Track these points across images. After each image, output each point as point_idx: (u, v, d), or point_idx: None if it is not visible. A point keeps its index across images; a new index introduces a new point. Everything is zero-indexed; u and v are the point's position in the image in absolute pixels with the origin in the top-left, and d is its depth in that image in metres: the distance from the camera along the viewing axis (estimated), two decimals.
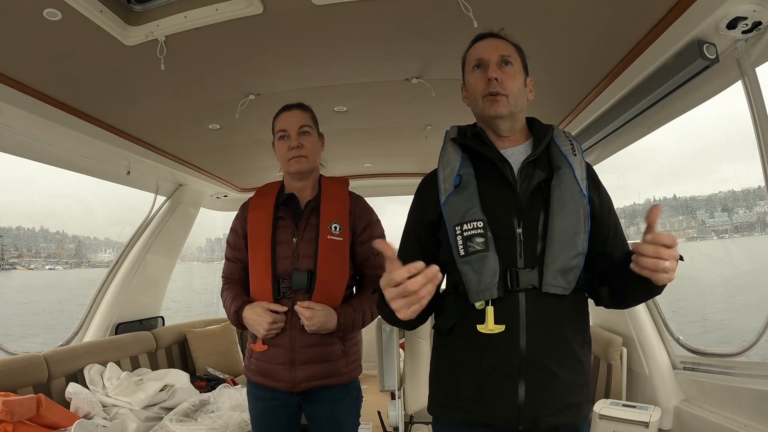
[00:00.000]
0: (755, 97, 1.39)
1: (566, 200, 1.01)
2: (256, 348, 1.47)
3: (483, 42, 1.11)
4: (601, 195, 1.09)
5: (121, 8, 1.43)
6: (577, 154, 1.07)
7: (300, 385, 1.43)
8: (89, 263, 50.51)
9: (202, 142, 2.56)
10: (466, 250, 0.99)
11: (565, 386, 0.99)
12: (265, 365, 1.46)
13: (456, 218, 1.02)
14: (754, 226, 33.42)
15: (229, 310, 1.50)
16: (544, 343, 0.98)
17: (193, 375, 3.10)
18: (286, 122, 1.50)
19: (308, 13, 1.40)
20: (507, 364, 0.98)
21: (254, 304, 1.44)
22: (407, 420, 2.21)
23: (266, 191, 1.58)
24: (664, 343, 2.11)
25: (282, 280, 1.45)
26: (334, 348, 1.47)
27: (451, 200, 1.04)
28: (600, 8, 1.39)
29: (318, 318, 1.38)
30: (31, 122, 1.89)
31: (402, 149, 2.99)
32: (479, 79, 1.07)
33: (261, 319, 1.40)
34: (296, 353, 1.43)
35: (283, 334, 1.43)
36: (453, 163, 1.08)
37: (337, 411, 1.51)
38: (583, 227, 1.01)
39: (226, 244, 1.62)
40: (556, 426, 0.99)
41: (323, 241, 1.46)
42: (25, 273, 52.28)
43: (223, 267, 1.61)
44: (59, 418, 1.91)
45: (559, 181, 1.03)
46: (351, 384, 1.53)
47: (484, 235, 0.99)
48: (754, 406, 1.58)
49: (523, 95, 1.09)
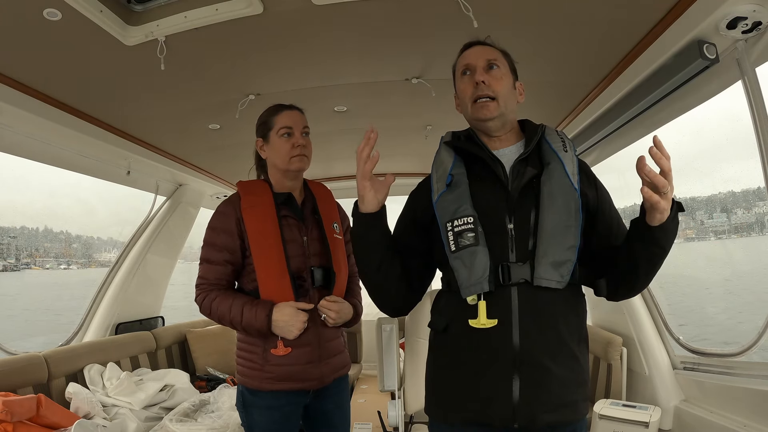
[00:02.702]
0: (755, 97, 1.39)
1: (556, 194, 1.02)
2: (278, 352, 1.40)
3: (470, 50, 1.15)
4: (598, 190, 1.11)
5: (121, 8, 1.43)
6: (569, 150, 1.08)
7: (326, 379, 1.48)
8: (99, 263, 50.81)
9: (202, 142, 2.56)
10: (457, 245, 1.01)
11: (560, 383, 0.99)
12: (288, 368, 1.41)
13: (447, 215, 1.04)
14: (753, 226, 33.50)
15: (248, 317, 1.38)
16: (537, 338, 0.98)
17: (193, 375, 3.10)
18: (292, 120, 1.50)
19: (308, 13, 1.40)
20: (501, 360, 0.98)
21: (281, 305, 1.39)
22: (407, 420, 2.21)
23: (256, 190, 1.50)
24: (664, 343, 2.11)
25: (297, 279, 1.45)
26: (341, 340, 1.57)
27: (443, 198, 1.06)
28: (600, 8, 1.39)
29: (345, 311, 1.48)
30: (31, 122, 1.89)
31: (402, 149, 2.99)
32: (467, 85, 1.11)
33: (295, 320, 1.38)
34: (321, 349, 1.47)
35: (308, 332, 1.43)
36: (445, 164, 1.11)
37: (342, 401, 1.60)
38: (575, 220, 1.01)
39: (205, 246, 1.47)
40: (552, 424, 0.99)
41: (332, 239, 1.52)
42: (40, 272, 52.48)
43: (203, 271, 1.46)
44: (59, 418, 1.91)
45: (549, 176, 1.04)
46: (348, 374, 1.63)
47: (475, 230, 1.01)
48: (754, 406, 1.58)
49: (512, 97, 1.12)
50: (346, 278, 1.57)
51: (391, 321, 2.28)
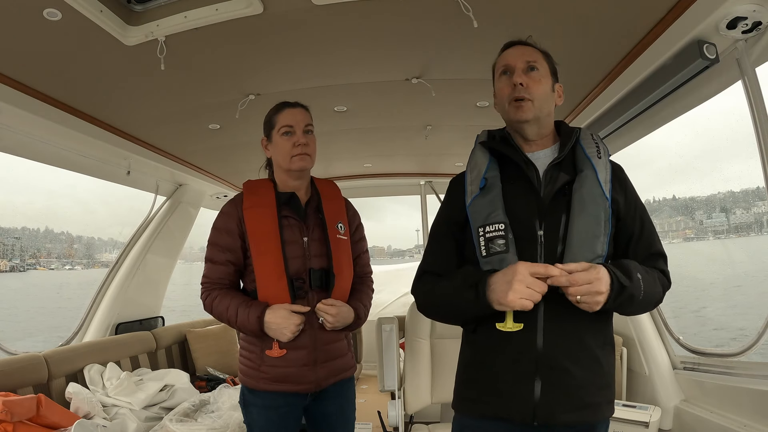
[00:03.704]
0: (755, 97, 1.39)
1: (586, 203, 1.03)
2: (273, 354, 1.40)
3: (510, 50, 1.13)
4: (627, 196, 1.10)
5: (121, 8, 1.43)
6: (602, 156, 1.08)
7: (323, 383, 1.45)
8: (102, 263, 51.05)
9: (202, 142, 2.56)
10: (487, 251, 1.03)
11: (581, 385, 1.00)
12: (284, 370, 1.41)
13: (479, 220, 1.05)
14: (752, 226, 33.59)
15: (242, 317, 1.39)
16: (560, 342, 1.00)
17: (193, 375, 3.10)
18: (293, 119, 1.47)
19: (308, 13, 1.40)
20: (524, 361, 1.01)
21: (275, 307, 1.38)
22: (407, 420, 2.21)
23: (259, 190, 1.50)
24: (664, 343, 2.12)
25: (295, 281, 1.42)
26: (343, 343, 1.51)
27: (476, 202, 1.07)
28: (600, 8, 1.39)
29: (343, 315, 1.42)
30: (31, 122, 1.89)
31: (402, 149, 2.99)
32: (506, 85, 1.11)
33: (288, 322, 1.36)
34: (318, 352, 1.43)
35: (303, 335, 1.41)
36: (480, 166, 1.12)
37: (345, 405, 1.55)
38: (603, 230, 1.02)
39: (209, 246, 1.49)
40: (571, 424, 1.00)
41: (334, 240, 1.48)
42: (46, 273, 52.50)
43: (207, 270, 1.47)
44: (59, 418, 1.91)
45: (580, 183, 1.05)
46: (353, 377, 1.58)
47: (505, 237, 1.02)
48: (754, 406, 1.58)
49: (549, 100, 1.11)
50: (350, 280, 1.51)
51: (391, 321, 2.28)
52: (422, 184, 3.77)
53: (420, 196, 3.88)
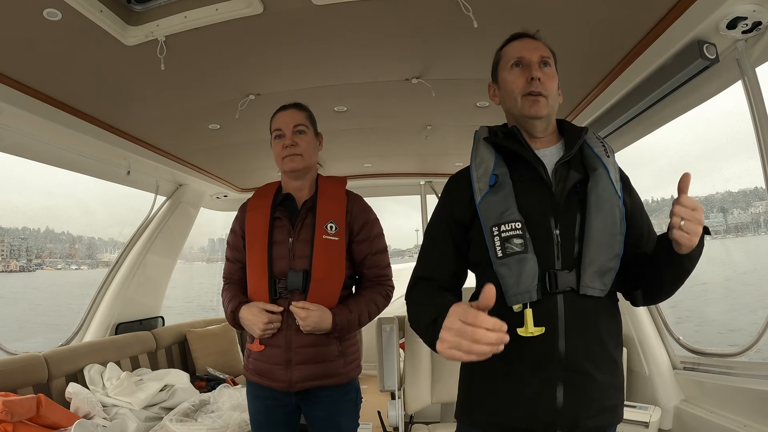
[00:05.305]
0: (755, 97, 1.39)
1: (603, 202, 1.01)
2: (253, 348, 1.49)
3: (522, 41, 1.10)
4: (632, 196, 1.08)
5: (121, 8, 1.43)
6: (610, 155, 1.07)
7: (296, 385, 1.43)
8: (105, 263, 51.37)
9: (202, 142, 2.56)
10: (504, 252, 0.98)
11: (602, 388, 0.98)
12: (262, 365, 1.47)
13: (493, 219, 1.00)
14: (749, 226, 33.60)
15: (227, 311, 1.52)
16: (582, 345, 0.97)
17: (193, 375, 3.10)
18: (281, 121, 1.51)
19: (308, 13, 1.40)
20: (546, 367, 0.96)
21: (250, 305, 1.46)
22: (407, 420, 2.21)
23: (264, 192, 1.59)
24: (664, 343, 2.12)
25: (278, 281, 1.45)
26: (330, 348, 1.46)
27: (487, 200, 1.02)
28: (600, 8, 1.39)
29: (312, 318, 1.38)
30: (31, 122, 1.89)
31: (402, 149, 2.99)
32: (518, 77, 1.06)
33: (256, 319, 1.42)
34: (292, 353, 1.43)
35: (279, 335, 1.44)
36: (487, 162, 1.06)
37: (335, 412, 1.50)
38: (620, 229, 1.00)
39: (226, 245, 1.63)
40: (593, 429, 0.98)
41: (318, 240, 1.45)
42: (53, 273, 52.44)
43: (224, 267, 1.62)
44: (59, 418, 1.91)
45: (595, 182, 1.02)
46: (349, 385, 1.52)
47: (523, 237, 0.97)
48: (754, 406, 1.58)
49: (557, 98, 1.10)
50: (337, 282, 1.47)
51: (391, 321, 2.28)
52: (422, 184, 3.77)
53: (420, 196, 3.89)
